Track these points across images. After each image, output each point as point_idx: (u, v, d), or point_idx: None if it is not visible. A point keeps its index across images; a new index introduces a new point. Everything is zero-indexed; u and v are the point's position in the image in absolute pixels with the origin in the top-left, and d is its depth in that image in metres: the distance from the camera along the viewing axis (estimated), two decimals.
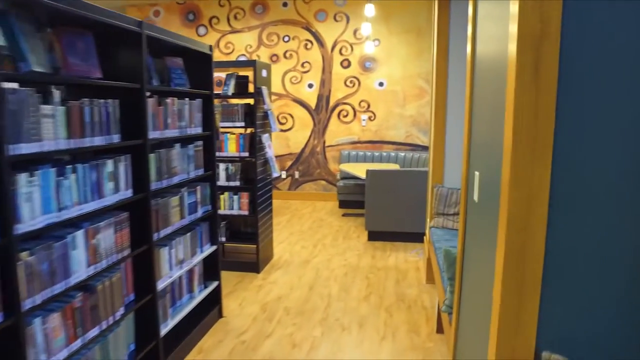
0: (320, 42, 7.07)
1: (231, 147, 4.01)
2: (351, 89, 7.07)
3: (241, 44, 7.29)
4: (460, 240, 2.04)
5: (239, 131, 4.24)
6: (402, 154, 6.72)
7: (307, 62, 7.14)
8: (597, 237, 1.11)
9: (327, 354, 2.80)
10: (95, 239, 1.91)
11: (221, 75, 7.01)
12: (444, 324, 2.73)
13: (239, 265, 4.20)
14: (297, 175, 7.38)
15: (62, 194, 1.70)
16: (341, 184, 6.53)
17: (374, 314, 3.32)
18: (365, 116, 7.08)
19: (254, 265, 4.16)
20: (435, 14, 3.94)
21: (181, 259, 2.72)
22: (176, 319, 2.66)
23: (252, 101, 3.99)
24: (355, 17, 6.93)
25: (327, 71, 7.11)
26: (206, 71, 3.04)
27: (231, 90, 4.07)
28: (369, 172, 5.05)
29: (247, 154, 4.02)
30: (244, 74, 4.20)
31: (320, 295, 3.67)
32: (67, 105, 1.72)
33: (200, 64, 3.01)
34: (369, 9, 5.41)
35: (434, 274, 3.34)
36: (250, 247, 4.36)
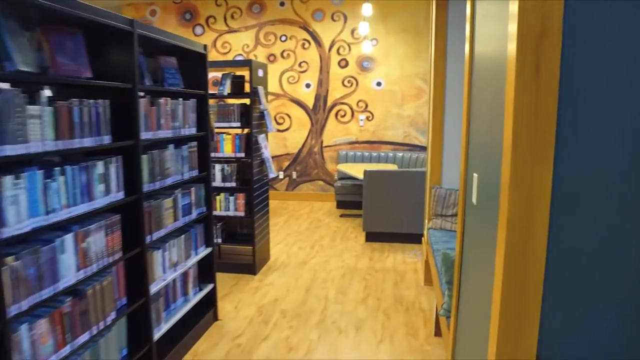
0: (317, 42, 7.03)
1: (227, 147, 3.97)
2: (349, 88, 7.03)
3: (238, 43, 7.25)
4: (458, 243, 2.00)
5: (235, 131, 4.20)
6: (400, 154, 6.68)
7: (304, 61, 7.10)
8: (599, 238, 1.08)
9: (323, 358, 2.76)
10: (85, 243, 1.86)
11: (218, 75, 6.97)
12: (442, 327, 2.69)
13: (235, 267, 4.16)
14: (294, 175, 7.34)
15: (50, 197, 1.66)
16: (339, 184, 6.48)
17: (372, 317, 3.29)
18: (363, 116, 7.04)
19: (250, 267, 4.11)
20: (433, 13, 3.90)
21: (175, 261, 2.68)
22: (170, 322, 2.62)
23: (248, 101, 3.95)
24: (352, 17, 6.89)
25: (324, 71, 7.07)
26: (201, 71, 2.99)
27: (227, 90, 4.03)
28: (366, 172, 5.01)
29: (243, 155, 3.97)
30: (241, 73, 4.16)
31: (317, 297, 3.63)
32: (55, 105, 1.67)
33: (194, 63, 2.97)
34: (367, 9, 5.36)
35: (432, 276, 3.30)
36: (246, 248, 4.31)
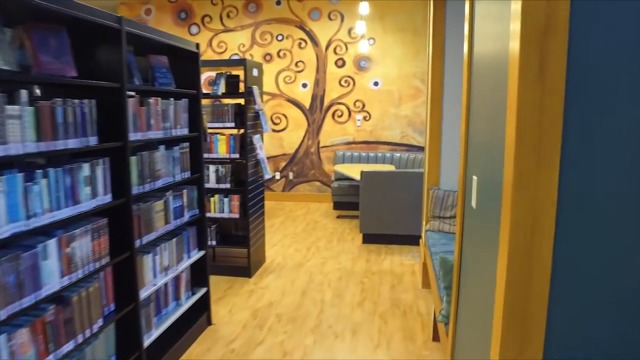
0: (314, 41, 6.96)
1: (221, 148, 3.90)
2: (346, 88, 6.97)
3: (234, 43, 7.17)
4: (457, 248, 1.94)
5: (230, 132, 4.13)
6: (397, 155, 6.62)
7: (301, 61, 7.03)
8: (609, 242, 1.01)
9: None
10: (69, 248, 1.79)
11: (213, 74, 6.89)
12: (440, 333, 2.63)
13: (230, 269, 4.09)
14: (291, 176, 7.27)
15: (31, 201, 1.59)
16: (336, 185, 6.42)
17: (368, 321, 3.22)
18: (360, 116, 6.98)
19: (245, 269, 4.04)
20: (430, 12, 3.84)
21: (166, 265, 2.61)
22: (161, 328, 2.55)
23: (243, 101, 3.88)
24: (349, 16, 6.82)
25: (321, 70, 7.00)
26: (193, 70, 2.92)
27: (221, 89, 3.96)
28: (363, 173, 4.95)
29: (237, 156, 3.90)
30: (236, 73, 4.09)
31: (313, 300, 3.56)
32: (37, 105, 1.60)
33: (187, 62, 2.90)
34: (364, 7, 5.30)
35: (430, 279, 3.24)
36: (241, 250, 4.24)
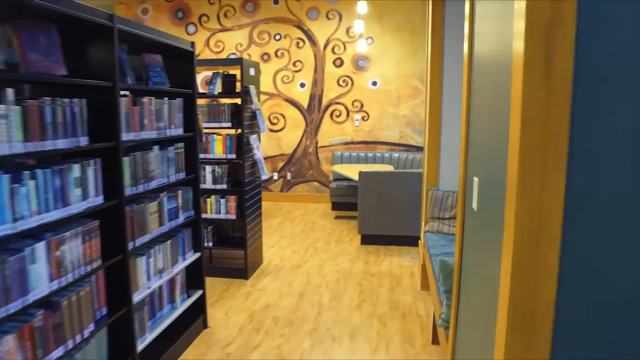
0: (312, 41, 6.91)
1: (218, 148, 3.85)
2: (344, 88, 6.92)
3: (232, 42, 7.12)
4: (457, 251, 1.90)
5: (226, 132, 4.08)
6: (396, 155, 6.58)
7: (298, 61, 6.98)
8: (618, 245, 0.97)
9: None
10: (59, 251, 1.74)
11: (210, 74, 6.84)
12: (440, 336, 2.59)
13: (227, 271, 4.04)
14: (289, 176, 7.23)
15: (18, 203, 1.54)
16: (334, 185, 6.37)
17: (367, 324, 3.18)
18: (358, 116, 6.93)
19: (242, 271, 3.99)
20: (429, 12, 3.80)
21: (161, 268, 2.56)
22: (155, 332, 2.50)
23: (239, 101, 3.83)
24: (347, 15, 6.77)
25: (319, 70, 6.95)
26: (188, 69, 2.87)
27: (217, 89, 3.91)
28: (361, 173, 4.90)
29: (234, 156, 3.85)
30: (233, 72, 4.04)
31: (310, 303, 3.52)
32: (24, 104, 1.55)
33: (182, 61, 2.85)
34: (362, 7, 5.26)
35: (429, 281, 3.20)
36: (238, 252, 4.19)
